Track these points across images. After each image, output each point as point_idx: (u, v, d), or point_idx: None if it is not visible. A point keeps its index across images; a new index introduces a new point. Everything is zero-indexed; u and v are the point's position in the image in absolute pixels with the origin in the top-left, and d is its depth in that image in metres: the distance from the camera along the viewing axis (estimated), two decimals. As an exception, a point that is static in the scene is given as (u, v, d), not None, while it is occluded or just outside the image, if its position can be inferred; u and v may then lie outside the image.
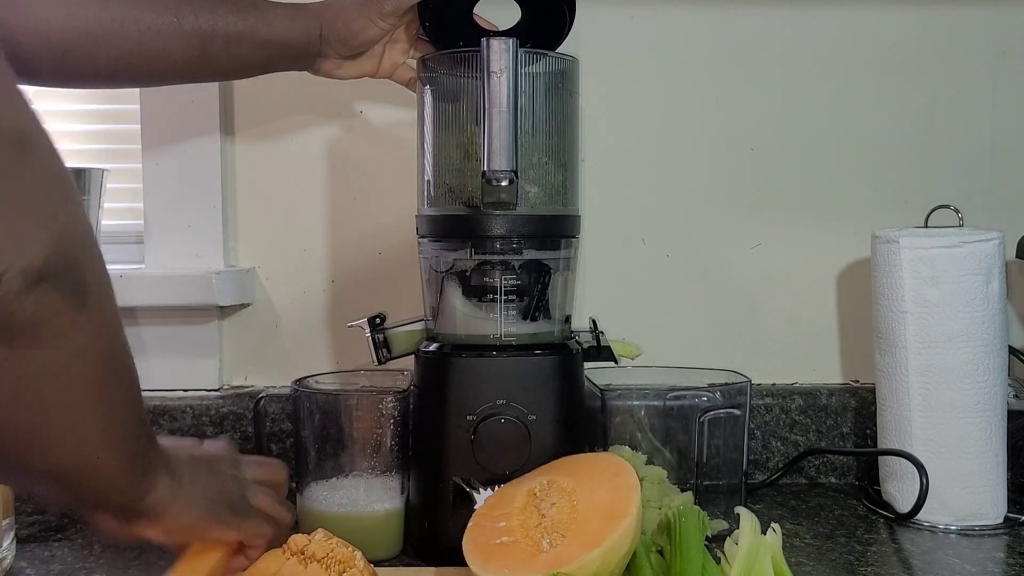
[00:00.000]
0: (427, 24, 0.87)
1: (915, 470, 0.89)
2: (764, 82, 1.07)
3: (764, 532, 0.72)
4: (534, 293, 0.85)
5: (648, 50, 1.07)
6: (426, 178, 0.86)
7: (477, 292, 0.84)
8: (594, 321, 0.95)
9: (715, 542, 0.80)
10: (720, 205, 1.08)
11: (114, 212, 1.10)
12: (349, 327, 0.89)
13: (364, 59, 0.89)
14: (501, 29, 0.88)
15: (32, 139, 0.48)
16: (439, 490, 0.81)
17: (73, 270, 0.50)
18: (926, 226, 0.96)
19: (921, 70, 1.07)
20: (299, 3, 0.86)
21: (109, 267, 0.91)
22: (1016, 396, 0.95)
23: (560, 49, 0.87)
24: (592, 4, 1.05)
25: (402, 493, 0.84)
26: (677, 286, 1.08)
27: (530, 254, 0.84)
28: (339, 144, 1.07)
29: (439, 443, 0.81)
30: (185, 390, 1.07)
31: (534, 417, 0.80)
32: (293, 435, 0.87)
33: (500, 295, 0.83)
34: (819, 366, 1.09)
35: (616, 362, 0.91)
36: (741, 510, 0.73)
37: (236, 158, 1.08)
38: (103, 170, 1.04)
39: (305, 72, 0.90)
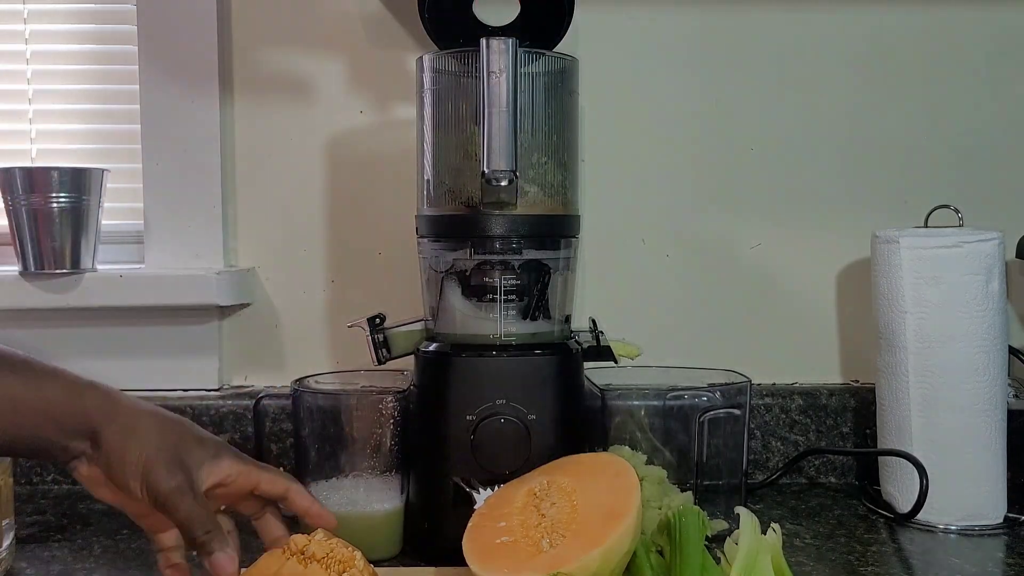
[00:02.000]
0: (426, 16, 0.87)
1: (915, 471, 0.89)
2: (764, 82, 1.07)
3: (764, 532, 0.72)
4: (534, 293, 0.85)
5: (648, 50, 1.07)
6: (426, 178, 0.86)
7: (477, 292, 0.84)
8: (594, 321, 0.95)
9: (715, 542, 0.80)
10: (720, 205, 1.08)
11: (114, 212, 1.10)
12: (349, 327, 0.89)
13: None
14: (500, 26, 0.88)
15: None
16: (439, 490, 0.81)
17: None
18: (926, 226, 0.96)
19: (921, 70, 1.07)
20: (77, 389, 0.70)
21: (109, 267, 0.90)
22: (1016, 396, 0.96)
23: (560, 49, 0.87)
24: (592, 4, 1.05)
25: (402, 493, 0.84)
26: (677, 286, 1.08)
27: (530, 254, 0.84)
28: (339, 144, 1.07)
29: (439, 443, 0.81)
30: (185, 390, 1.07)
31: (534, 417, 0.80)
32: (293, 435, 0.87)
33: (500, 295, 0.83)
34: (819, 366, 1.09)
35: (616, 362, 0.91)
36: (741, 510, 0.73)
37: (236, 158, 1.08)
38: (103, 170, 1.04)
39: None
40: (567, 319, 0.88)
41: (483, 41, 0.78)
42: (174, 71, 1.02)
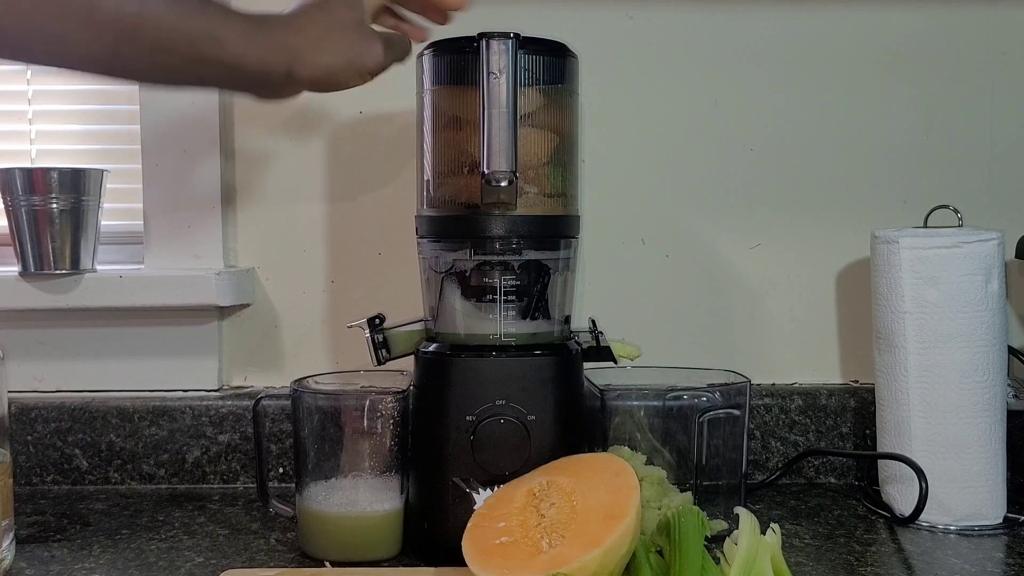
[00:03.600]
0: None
1: (915, 473, 0.89)
2: (764, 82, 1.07)
3: (763, 532, 0.72)
4: (533, 293, 0.85)
5: (648, 50, 1.07)
6: (426, 178, 0.86)
7: (477, 292, 0.84)
8: (594, 321, 0.95)
9: (715, 542, 0.80)
10: (720, 205, 1.08)
11: (114, 212, 1.11)
12: (349, 327, 0.89)
13: None
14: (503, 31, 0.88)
15: None
16: (439, 490, 0.81)
17: None
18: (926, 226, 0.96)
19: (921, 70, 1.07)
20: (266, 22, 0.73)
21: (109, 267, 0.89)
22: (1016, 396, 0.95)
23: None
24: (592, 4, 1.05)
25: (402, 493, 0.84)
26: (677, 286, 1.08)
27: (529, 254, 0.84)
28: (339, 144, 1.08)
29: (439, 443, 0.81)
30: (185, 390, 1.07)
31: (533, 417, 0.80)
32: (293, 435, 0.87)
33: (500, 295, 0.83)
34: (819, 366, 1.09)
35: (616, 362, 0.91)
36: (740, 510, 0.73)
37: (236, 158, 1.08)
38: (103, 170, 1.04)
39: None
40: (567, 319, 0.88)
41: (483, 42, 0.78)
42: (174, 71, 1.02)
